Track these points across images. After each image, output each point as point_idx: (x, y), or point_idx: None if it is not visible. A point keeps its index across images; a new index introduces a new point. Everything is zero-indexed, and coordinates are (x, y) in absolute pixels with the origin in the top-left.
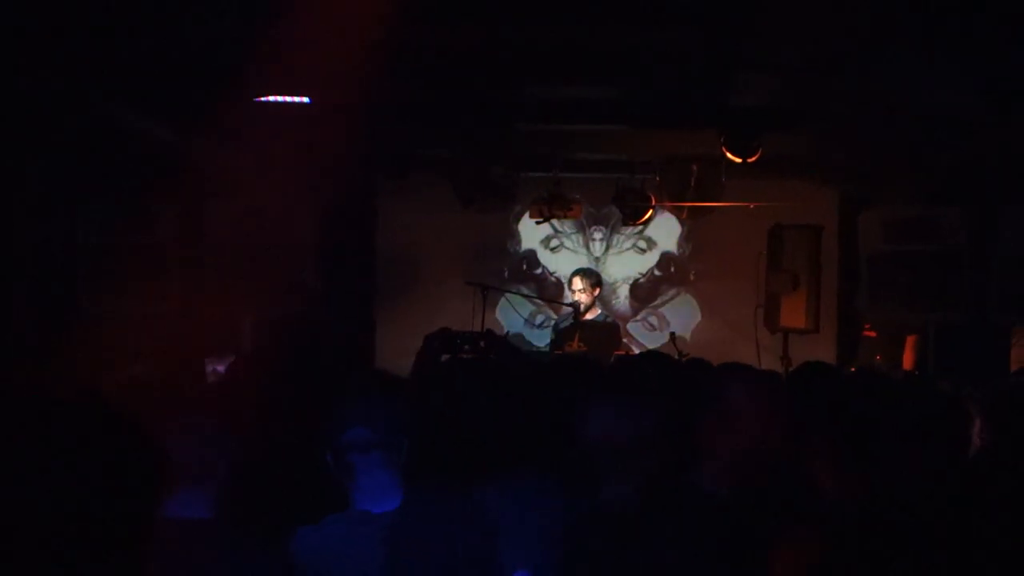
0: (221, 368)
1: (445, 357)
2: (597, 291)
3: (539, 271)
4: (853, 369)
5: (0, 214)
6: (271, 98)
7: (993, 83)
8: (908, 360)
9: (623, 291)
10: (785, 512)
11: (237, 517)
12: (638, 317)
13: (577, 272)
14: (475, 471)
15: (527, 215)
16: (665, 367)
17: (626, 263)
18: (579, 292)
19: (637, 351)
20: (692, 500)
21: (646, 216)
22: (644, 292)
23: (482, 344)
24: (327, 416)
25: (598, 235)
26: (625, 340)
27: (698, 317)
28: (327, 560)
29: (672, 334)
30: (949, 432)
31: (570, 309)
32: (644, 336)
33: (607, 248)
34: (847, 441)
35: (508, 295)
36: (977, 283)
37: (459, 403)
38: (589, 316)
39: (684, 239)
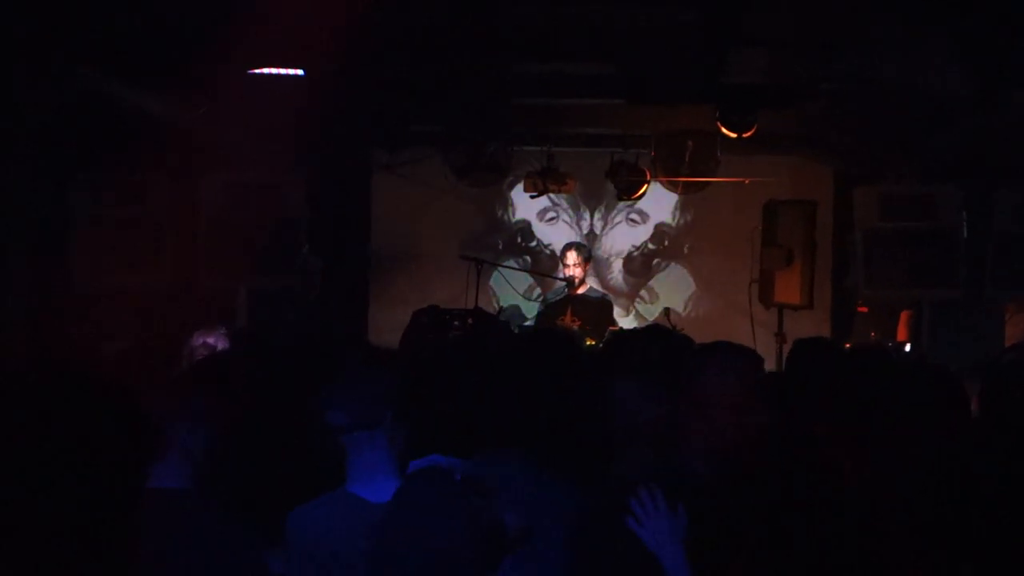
0: (211, 341)
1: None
2: (589, 265)
3: (534, 243)
4: (848, 346)
5: None
6: (265, 70)
7: (984, 61)
8: (902, 335)
9: (616, 265)
10: (779, 495)
11: (216, 489)
12: (631, 291)
13: (569, 246)
14: (466, 451)
15: (521, 186)
16: (666, 344)
17: (620, 236)
18: (572, 266)
19: (628, 326)
20: (683, 482)
21: (640, 191)
22: (637, 266)
23: (470, 321)
24: (316, 394)
25: (592, 209)
26: (617, 314)
27: (692, 290)
28: (317, 540)
29: (666, 308)
30: (949, 411)
31: (563, 283)
32: (640, 310)
33: (603, 223)
34: (853, 421)
35: (502, 269)
36: (972, 260)
37: (448, 383)
38: (581, 290)
39: (678, 211)
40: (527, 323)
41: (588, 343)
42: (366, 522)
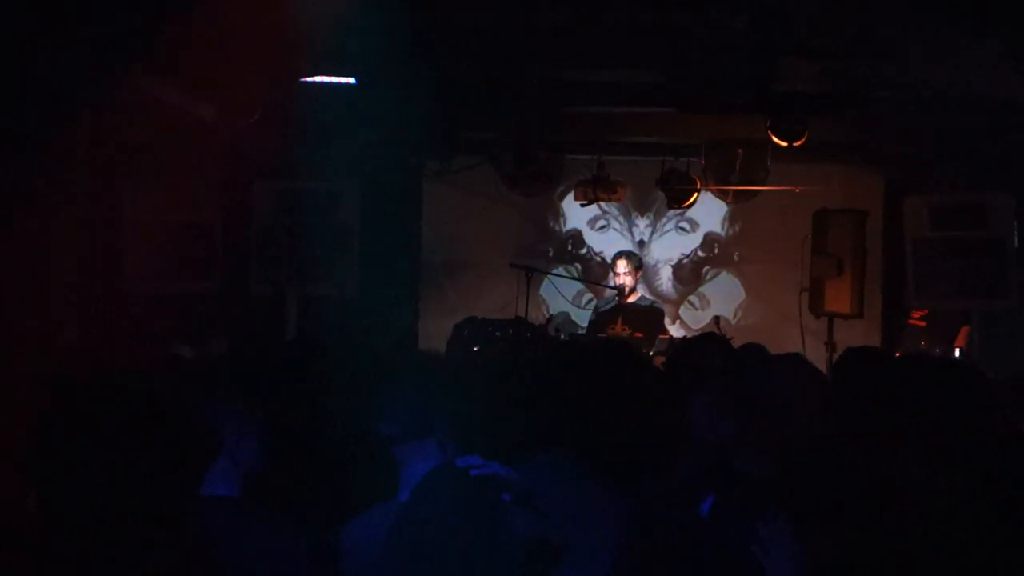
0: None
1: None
2: (639, 273)
3: (584, 251)
4: (898, 354)
5: (40, 202)
6: (317, 79)
7: None
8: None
9: (666, 273)
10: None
11: (265, 498)
12: (680, 299)
13: (620, 254)
14: (510, 458)
15: (571, 195)
16: (727, 353)
17: (669, 244)
18: (622, 274)
19: (678, 334)
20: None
21: (691, 199)
22: (687, 273)
23: (511, 332)
24: (368, 403)
25: (642, 217)
26: (667, 323)
27: (741, 298)
28: (370, 551)
29: (716, 316)
30: (994, 419)
31: (614, 292)
32: (687, 317)
33: (652, 231)
34: (902, 429)
35: (551, 277)
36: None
37: (491, 391)
38: (632, 299)
39: (728, 220)
40: (579, 331)
41: (642, 351)
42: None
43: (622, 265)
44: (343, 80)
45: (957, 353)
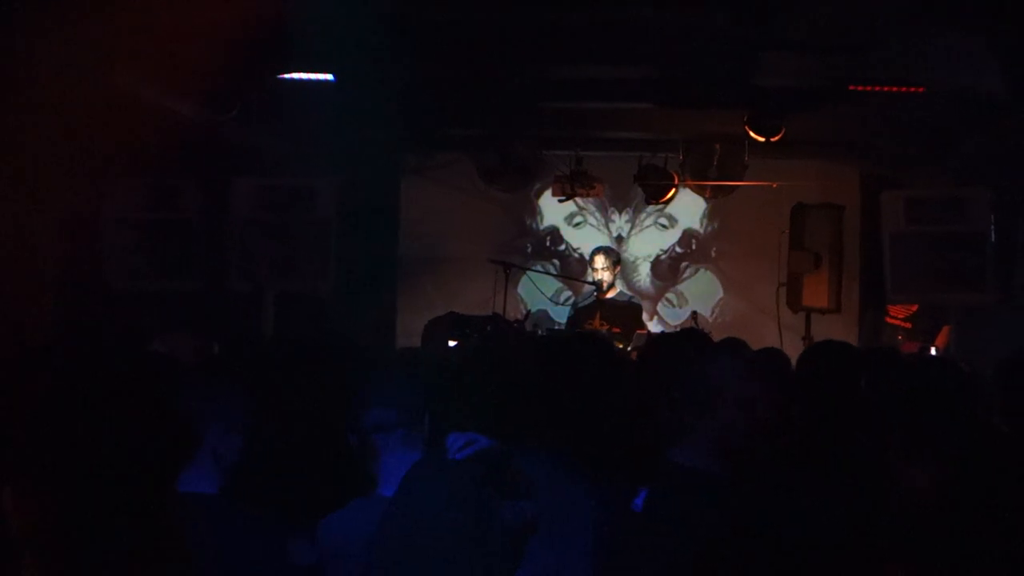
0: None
1: (453, 343)
2: (618, 269)
3: (562, 247)
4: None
5: (19, 199)
6: (295, 75)
7: (1016, 63)
8: (941, 347)
9: (644, 269)
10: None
11: (244, 496)
12: (659, 295)
13: (598, 250)
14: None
15: (549, 192)
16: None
17: (648, 240)
18: (600, 270)
19: (656, 330)
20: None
21: (669, 195)
22: (665, 270)
23: (488, 329)
24: (349, 397)
25: (620, 213)
26: (645, 318)
27: (719, 295)
28: (352, 546)
29: (694, 312)
30: (966, 411)
31: (592, 287)
32: (665, 314)
33: (631, 227)
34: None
35: (530, 273)
36: (1000, 264)
37: (466, 387)
38: (610, 295)
39: (706, 216)
40: (557, 327)
41: (617, 346)
42: None
43: (600, 260)
44: (321, 77)
45: (933, 351)
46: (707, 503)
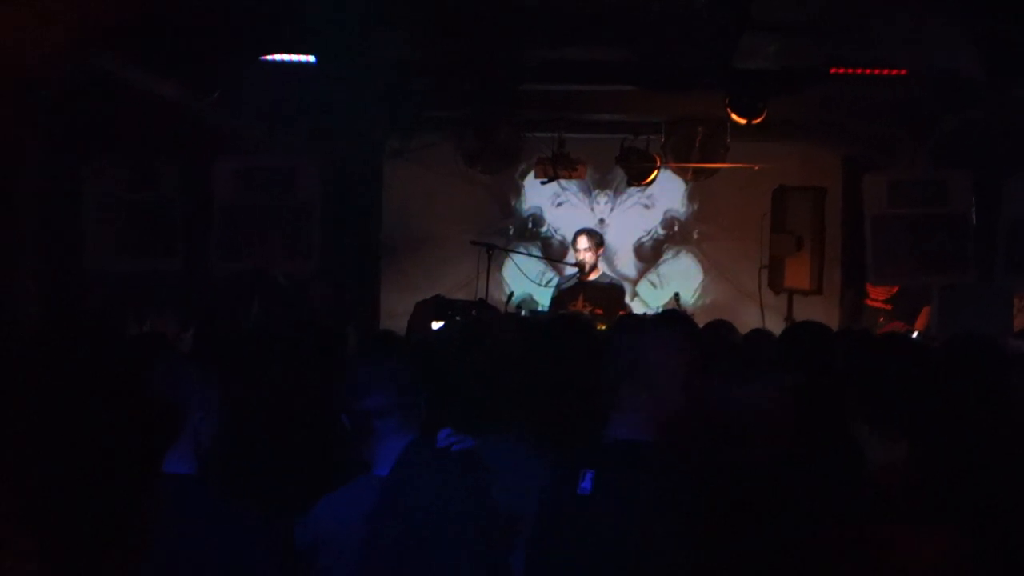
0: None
1: (438, 324)
2: (601, 251)
3: (545, 229)
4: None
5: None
6: (277, 57)
7: (995, 46)
8: (921, 327)
9: (626, 251)
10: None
11: (223, 477)
12: (640, 277)
13: (581, 231)
14: (469, 430)
15: (532, 174)
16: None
17: (630, 222)
18: (583, 251)
19: (639, 311)
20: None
21: (651, 177)
22: (647, 252)
23: (474, 312)
24: (341, 380)
25: (602, 195)
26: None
27: (701, 277)
28: (347, 527)
29: (676, 294)
30: (940, 390)
31: (575, 269)
32: (647, 296)
33: (611, 208)
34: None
35: (513, 255)
36: (981, 246)
37: (454, 368)
38: (593, 276)
39: (688, 198)
40: (539, 309)
41: (600, 327)
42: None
43: (583, 242)
44: (303, 59)
45: (915, 335)
46: (648, 473)
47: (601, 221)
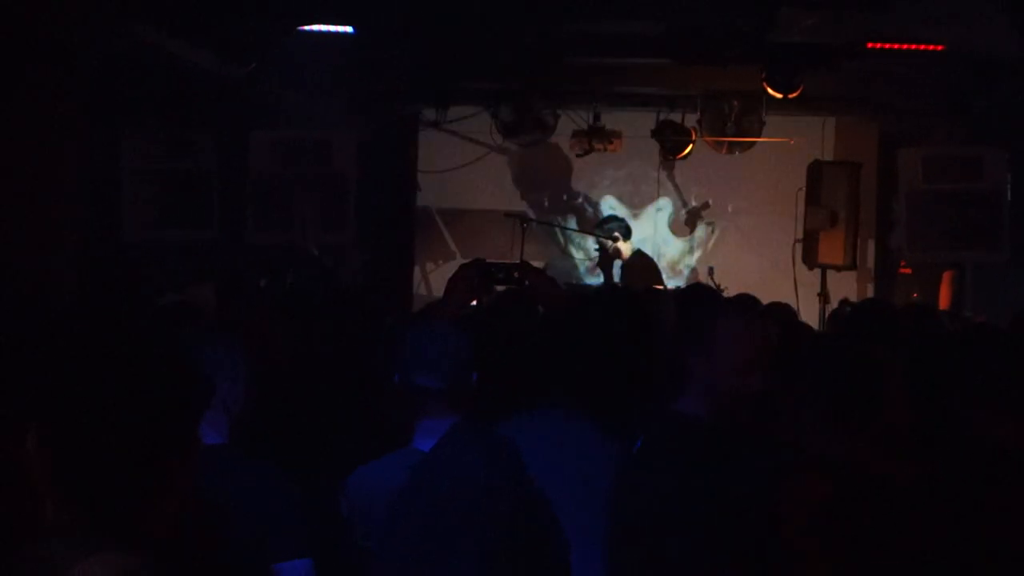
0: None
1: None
2: (629, 243)
3: (579, 201)
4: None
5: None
6: (315, 27)
7: None
8: (944, 297)
9: (662, 224)
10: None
11: (253, 445)
12: (675, 251)
13: (609, 219)
14: (510, 406)
15: (568, 147)
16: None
17: (665, 196)
18: (612, 246)
19: (672, 286)
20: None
21: (686, 151)
22: (682, 225)
23: (516, 275)
24: (392, 356)
25: (638, 168)
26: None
27: (735, 249)
28: (383, 498)
29: (710, 268)
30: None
31: (609, 242)
32: (681, 268)
33: (646, 182)
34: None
35: (546, 226)
36: (1016, 222)
37: (504, 340)
38: (626, 250)
39: (723, 172)
40: (573, 282)
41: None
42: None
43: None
44: (340, 29)
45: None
46: (692, 444)
47: (635, 194)
